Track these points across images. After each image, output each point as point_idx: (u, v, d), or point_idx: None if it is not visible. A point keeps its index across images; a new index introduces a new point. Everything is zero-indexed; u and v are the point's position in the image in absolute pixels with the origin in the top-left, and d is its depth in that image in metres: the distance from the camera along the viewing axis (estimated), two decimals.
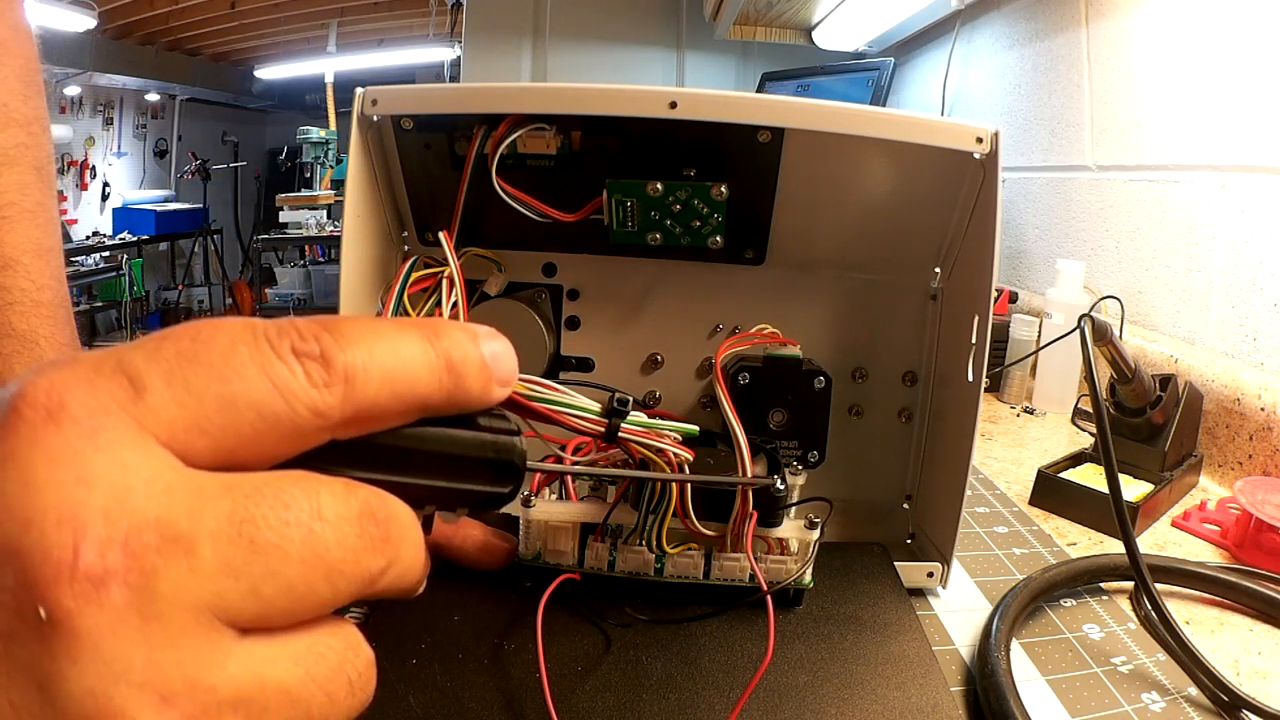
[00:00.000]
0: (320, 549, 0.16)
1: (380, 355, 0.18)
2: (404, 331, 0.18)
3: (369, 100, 0.44)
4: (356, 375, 0.17)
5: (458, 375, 0.19)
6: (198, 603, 0.15)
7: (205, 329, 0.17)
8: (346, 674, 0.17)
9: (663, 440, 0.36)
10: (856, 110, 0.42)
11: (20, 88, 0.44)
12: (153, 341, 0.16)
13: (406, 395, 0.18)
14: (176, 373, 0.16)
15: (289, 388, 0.16)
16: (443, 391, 0.19)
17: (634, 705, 0.35)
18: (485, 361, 0.19)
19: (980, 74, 1.36)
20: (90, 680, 0.14)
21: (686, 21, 2.02)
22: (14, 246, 0.43)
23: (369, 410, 0.18)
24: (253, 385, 0.16)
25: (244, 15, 4.55)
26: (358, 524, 0.17)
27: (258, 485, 0.16)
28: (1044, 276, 1.12)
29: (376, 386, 0.17)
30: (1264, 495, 0.55)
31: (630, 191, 0.47)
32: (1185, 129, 0.86)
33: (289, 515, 0.16)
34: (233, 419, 0.16)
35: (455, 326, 0.19)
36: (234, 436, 0.16)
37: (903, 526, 0.54)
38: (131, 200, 5.13)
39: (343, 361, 0.17)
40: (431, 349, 0.18)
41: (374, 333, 0.18)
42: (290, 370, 0.16)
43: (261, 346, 0.16)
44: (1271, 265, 0.73)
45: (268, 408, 0.16)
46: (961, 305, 0.49)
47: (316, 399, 0.17)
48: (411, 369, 0.18)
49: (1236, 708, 0.38)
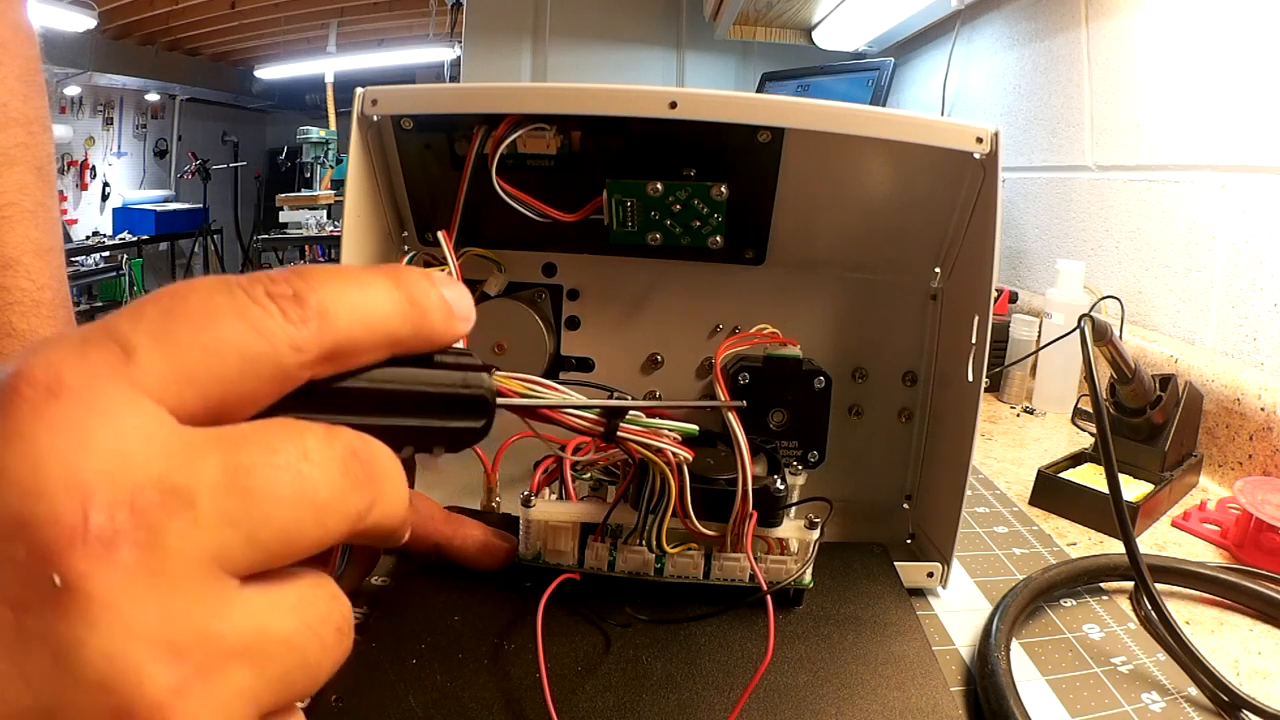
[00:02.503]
0: (310, 490, 0.17)
1: (349, 293, 0.19)
2: (368, 273, 0.20)
3: (369, 100, 0.44)
4: (328, 310, 0.18)
5: (422, 311, 0.20)
6: (202, 554, 0.15)
7: (182, 288, 0.17)
8: (334, 621, 0.18)
9: (662, 440, 0.36)
10: (856, 110, 0.42)
11: (21, 87, 0.44)
12: (135, 306, 0.17)
13: (378, 329, 0.19)
14: (161, 330, 0.16)
15: (267, 327, 0.17)
16: (409, 326, 0.20)
17: (634, 705, 0.35)
18: (445, 299, 0.21)
19: (980, 74, 1.36)
20: (106, 642, 0.14)
21: (686, 21, 2.02)
22: (14, 246, 0.43)
23: (344, 344, 0.19)
24: (233, 329, 0.17)
25: (244, 15, 4.55)
26: (342, 464, 0.18)
27: (245, 434, 0.17)
28: (1044, 276, 1.12)
29: (348, 320, 0.18)
30: (1264, 495, 0.55)
31: (630, 191, 0.47)
32: (1185, 129, 0.86)
33: (278, 460, 0.17)
34: (218, 364, 0.17)
35: (413, 271, 0.21)
36: (220, 382, 0.17)
37: (903, 526, 0.54)
38: (131, 200, 5.13)
39: (315, 298, 0.18)
40: (396, 288, 0.20)
41: (340, 275, 0.19)
42: (266, 310, 0.17)
43: (237, 294, 0.17)
44: (1271, 265, 0.73)
45: (250, 348, 0.17)
46: (961, 305, 0.49)
47: (294, 334, 0.18)
48: (379, 305, 0.19)
49: (1236, 708, 0.38)
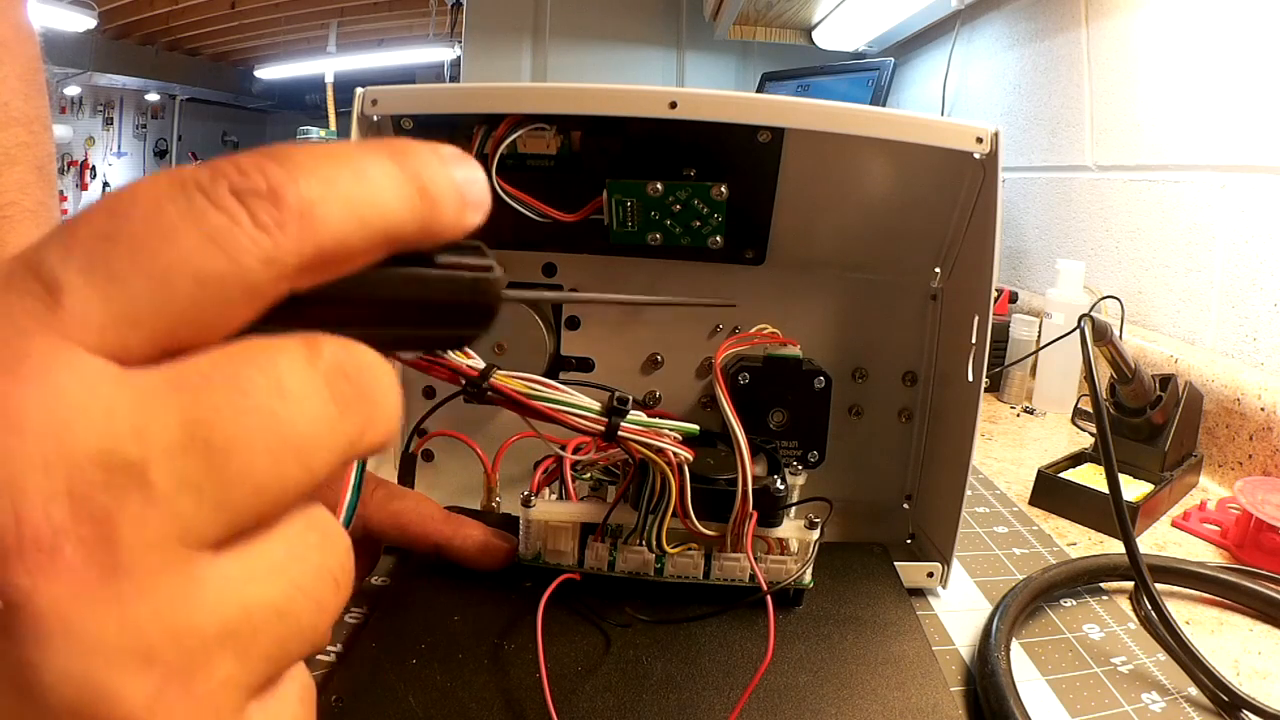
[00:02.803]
0: (288, 431, 0.14)
1: (342, 181, 0.15)
2: (367, 152, 0.16)
3: (369, 100, 0.44)
4: (314, 208, 0.14)
5: (431, 200, 0.16)
6: (162, 536, 0.13)
7: (124, 195, 0.14)
8: (330, 571, 0.15)
9: (662, 439, 0.36)
10: (856, 110, 0.42)
11: (22, 87, 0.44)
12: (67, 226, 0.14)
13: (376, 225, 0.15)
14: (96, 260, 0.13)
15: (231, 238, 0.14)
16: (416, 219, 0.16)
17: (634, 705, 0.35)
18: (458, 183, 0.17)
19: (980, 74, 1.36)
20: (64, 662, 0.12)
21: (686, 21, 2.02)
22: (15, 246, 0.43)
23: (333, 249, 0.15)
24: (187, 249, 0.13)
25: (244, 15, 4.55)
26: (327, 387, 0.14)
27: (205, 373, 0.14)
28: (1044, 276, 1.13)
29: (340, 218, 0.15)
30: (1264, 495, 0.55)
31: (630, 191, 0.47)
32: (1185, 129, 0.86)
33: (246, 401, 0.13)
34: (168, 296, 0.13)
35: (422, 146, 0.16)
36: (172, 316, 0.13)
37: (903, 526, 0.54)
38: None
39: (296, 193, 0.14)
40: (400, 170, 0.16)
41: (331, 157, 0.15)
42: (231, 216, 0.14)
43: (194, 198, 0.14)
44: (1271, 265, 0.73)
45: (209, 270, 0.13)
46: (961, 305, 0.49)
47: (268, 245, 0.14)
48: (380, 194, 0.15)
49: (1236, 708, 0.38)
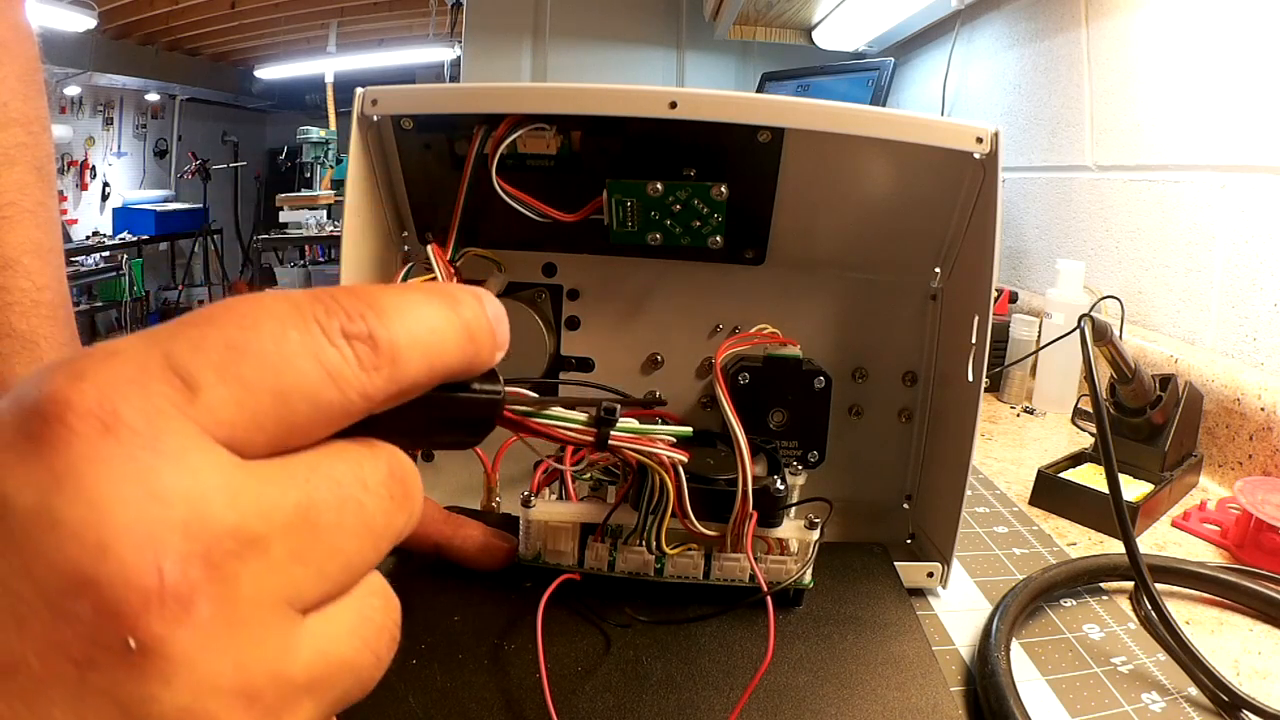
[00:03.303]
0: (368, 519, 0.17)
1: (418, 331, 0.18)
2: (431, 302, 0.18)
3: (369, 100, 0.44)
4: (400, 355, 0.17)
5: (476, 344, 0.19)
6: (275, 597, 0.15)
7: (249, 311, 0.16)
8: (388, 630, 0.18)
9: (655, 444, 0.36)
10: (856, 110, 0.42)
11: (21, 87, 0.44)
12: (195, 329, 0.15)
13: (439, 369, 0.18)
14: (229, 367, 0.15)
15: (342, 375, 0.16)
16: (464, 361, 0.19)
17: (634, 706, 0.35)
18: (493, 327, 0.20)
19: (980, 74, 1.36)
20: (182, 698, 0.13)
21: (686, 21, 2.02)
22: (14, 246, 0.43)
23: (408, 388, 0.18)
24: (307, 376, 0.16)
25: (244, 15, 4.55)
26: (388, 486, 0.17)
27: (312, 467, 0.16)
28: (1044, 276, 1.12)
29: (418, 364, 0.18)
30: (1264, 495, 0.55)
31: (630, 191, 0.47)
32: (1185, 129, 0.86)
33: (342, 492, 0.16)
34: (288, 411, 0.16)
35: (464, 292, 0.19)
36: (288, 426, 0.16)
37: (903, 526, 0.54)
38: (131, 200, 5.13)
39: (388, 341, 0.17)
40: (456, 317, 0.19)
41: (409, 305, 0.18)
42: (342, 356, 0.16)
43: (312, 330, 0.16)
44: (1271, 265, 0.73)
45: (322, 398, 0.16)
46: (961, 305, 0.49)
47: (366, 384, 0.17)
48: (443, 342, 0.18)
49: (1236, 708, 0.38)
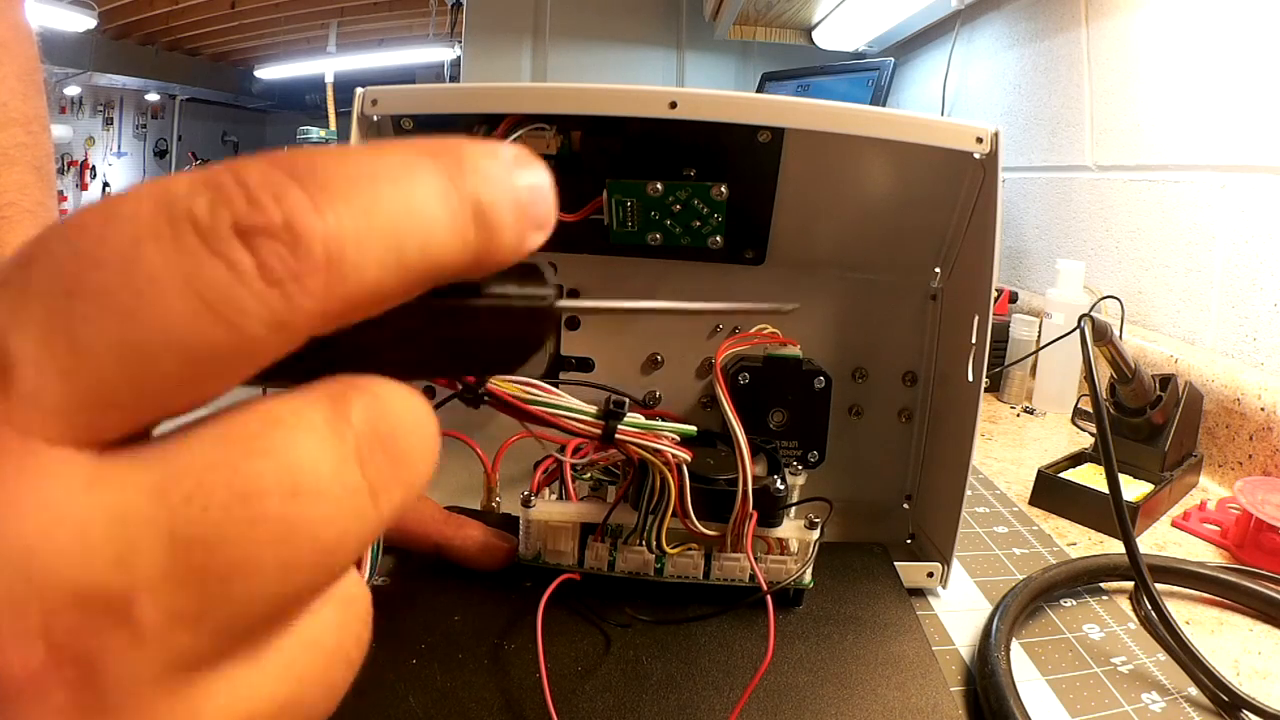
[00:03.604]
0: (305, 537, 0.11)
1: (383, 212, 0.11)
2: (411, 163, 0.12)
3: (369, 100, 0.44)
4: (346, 249, 0.11)
5: (489, 227, 0.12)
6: (153, 671, 0.10)
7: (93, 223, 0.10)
8: (346, 649, 0.13)
9: (660, 441, 0.36)
10: (856, 110, 0.42)
11: (20, 87, 0.44)
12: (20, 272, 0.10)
13: (419, 266, 0.12)
14: (55, 324, 0.10)
15: (232, 300, 0.10)
16: (468, 252, 0.12)
17: (634, 705, 0.35)
18: (523, 201, 0.13)
19: (980, 74, 1.36)
20: None
21: (686, 21, 2.02)
22: (13, 246, 0.43)
23: (363, 298, 0.11)
24: (171, 313, 0.10)
25: (244, 15, 4.55)
26: (357, 467, 0.11)
27: (199, 471, 0.11)
28: (1044, 276, 1.12)
29: (376, 261, 0.11)
30: (1264, 495, 0.55)
31: (630, 191, 0.47)
32: (1185, 129, 0.86)
33: (254, 508, 0.10)
34: (147, 372, 0.10)
35: (479, 149, 0.13)
36: (153, 394, 0.11)
37: (903, 526, 0.54)
38: None
39: (323, 231, 0.11)
40: (455, 191, 0.12)
41: (367, 170, 0.11)
42: (233, 268, 0.10)
43: (182, 235, 0.10)
44: (1271, 265, 0.73)
45: (199, 341, 0.10)
46: (961, 305, 0.49)
47: (279, 306, 0.10)
48: (428, 225, 0.12)
49: (1236, 708, 0.38)
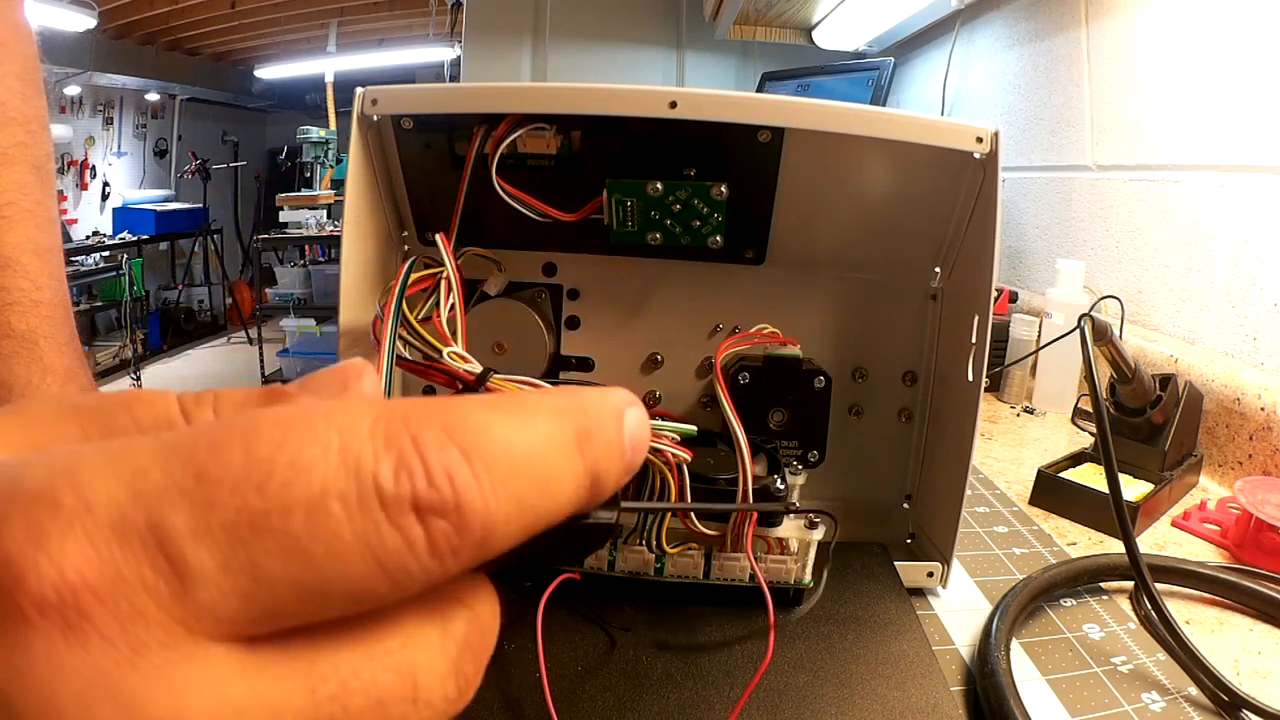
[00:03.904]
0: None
1: (529, 490, 0.13)
2: (555, 442, 0.13)
3: (369, 100, 0.44)
4: (496, 530, 0.12)
5: (599, 487, 0.14)
6: None
7: (280, 465, 0.11)
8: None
9: (660, 441, 0.36)
10: (856, 110, 0.42)
11: (19, 86, 0.44)
12: (200, 486, 0.11)
13: (541, 527, 0.13)
14: (237, 551, 0.11)
15: (403, 567, 0.11)
16: (576, 508, 0.14)
17: (634, 705, 0.35)
18: (627, 456, 0.14)
19: (980, 74, 1.36)
20: None
21: (686, 21, 2.02)
22: (13, 246, 0.43)
23: (493, 557, 0.13)
24: (350, 569, 0.11)
25: (244, 15, 4.55)
26: (454, 678, 0.13)
27: (343, 676, 0.12)
28: (1044, 276, 1.12)
29: (517, 533, 0.13)
30: (1264, 495, 0.55)
31: (630, 191, 0.47)
32: (1185, 129, 0.86)
33: (382, 713, 0.12)
34: (315, 608, 0.11)
35: (606, 414, 0.14)
36: (314, 617, 0.12)
37: (903, 526, 0.54)
38: (131, 200, 5.13)
39: (482, 514, 0.12)
40: (582, 462, 0.13)
41: (525, 452, 0.13)
42: (407, 540, 0.11)
43: (368, 504, 0.11)
44: (1271, 265, 0.73)
45: (367, 591, 0.11)
46: (961, 305, 0.49)
47: (436, 572, 0.12)
48: (558, 497, 0.13)
49: (1236, 708, 0.38)
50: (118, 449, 0.12)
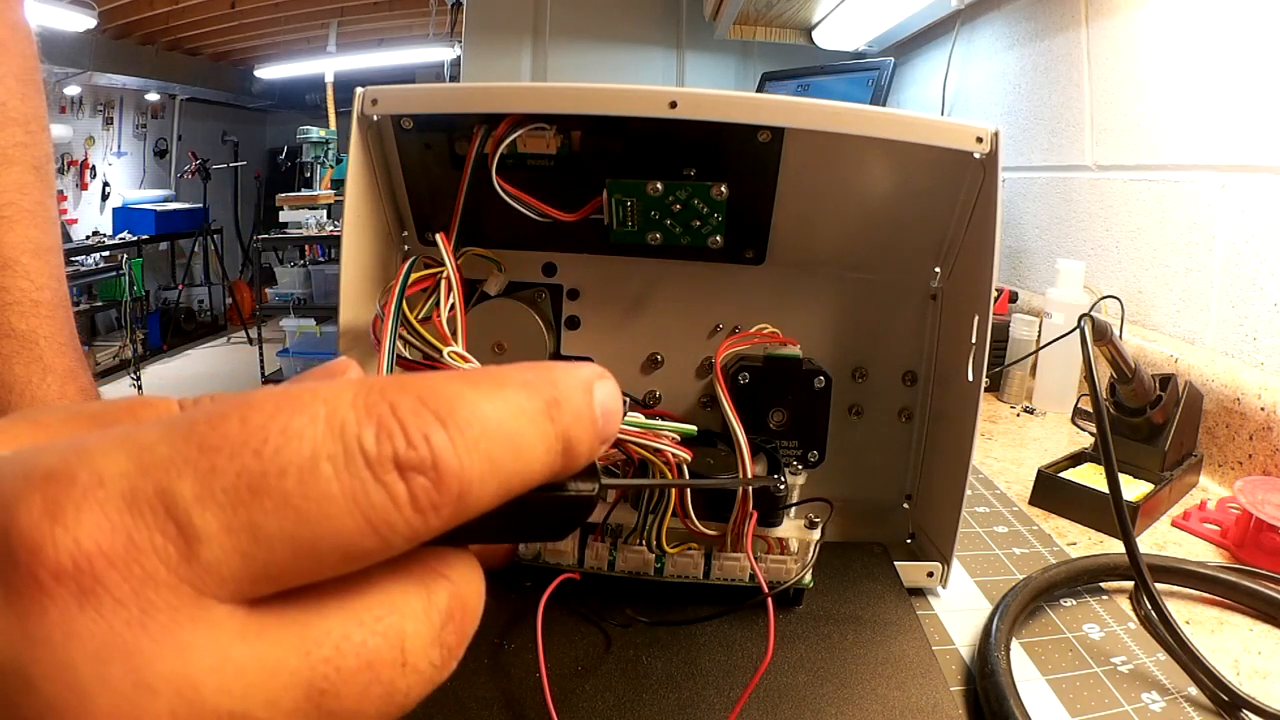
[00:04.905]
0: (402, 695, 0.14)
1: (501, 451, 0.14)
2: (524, 409, 0.14)
3: (369, 100, 0.44)
4: (472, 488, 0.13)
5: (572, 454, 0.15)
6: None
7: (274, 431, 0.12)
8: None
9: (660, 440, 0.36)
10: (856, 110, 0.42)
11: (19, 87, 0.44)
12: (203, 454, 0.12)
13: (515, 489, 0.14)
14: (239, 514, 0.12)
15: (389, 521, 0.13)
16: (551, 473, 0.15)
17: (634, 705, 0.35)
18: (598, 424, 0.15)
19: (980, 74, 1.36)
20: None
21: (686, 21, 2.02)
22: (13, 246, 0.43)
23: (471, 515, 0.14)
24: (342, 525, 0.12)
25: (244, 15, 4.55)
26: (439, 645, 0.14)
27: (336, 639, 0.13)
28: (1044, 276, 1.12)
29: (491, 494, 0.14)
30: (1264, 495, 0.55)
31: (630, 191, 0.47)
32: (1185, 129, 0.86)
33: (372, 675, 0.13)
34: (310, 564, 0.13)
35: (574, 384, 0.15)
36: (309, 576, 0.13)
37: (903, 526, 0.54)
38: (131, 200, 5.13)
39: (458, 471, 0.13)
40: (552, 427, 0.15)
41: (496, 417, 0.14)
42: (391, 496, 0.13)
43: (354, 462, 0.12)
44: (1271, 265, 0.73)
45: (357, 547, 0.13)
46: (961, 305, 0.49)
47: (421, 528, 0.13)
48: (530, 460, 0.14)
49: (1236, 708, 0.38)
50: (126, 432, 0.13)
